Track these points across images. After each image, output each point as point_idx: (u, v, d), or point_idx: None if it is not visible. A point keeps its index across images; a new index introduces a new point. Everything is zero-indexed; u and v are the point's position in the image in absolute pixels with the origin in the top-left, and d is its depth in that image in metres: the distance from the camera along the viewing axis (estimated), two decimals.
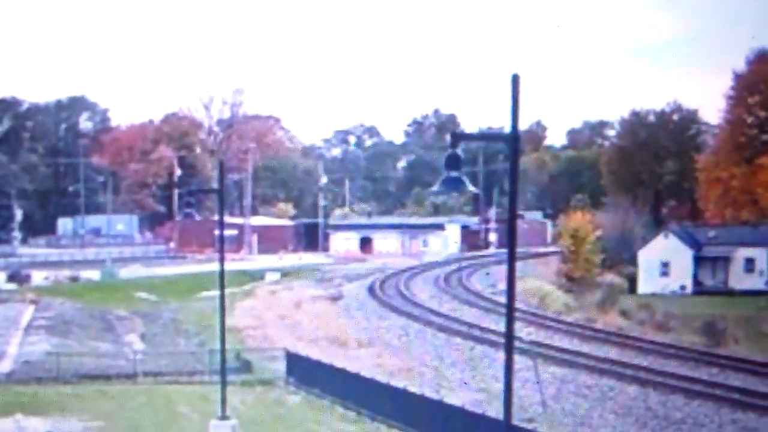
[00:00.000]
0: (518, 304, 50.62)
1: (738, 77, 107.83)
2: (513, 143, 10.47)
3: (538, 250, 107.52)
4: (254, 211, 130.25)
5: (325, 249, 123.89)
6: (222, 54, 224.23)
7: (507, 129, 10.45)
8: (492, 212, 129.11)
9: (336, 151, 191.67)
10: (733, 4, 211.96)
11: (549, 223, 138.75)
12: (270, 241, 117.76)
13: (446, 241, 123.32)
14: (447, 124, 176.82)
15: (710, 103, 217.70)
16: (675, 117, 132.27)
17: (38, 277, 77.65)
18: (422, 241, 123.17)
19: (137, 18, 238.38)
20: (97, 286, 74.93)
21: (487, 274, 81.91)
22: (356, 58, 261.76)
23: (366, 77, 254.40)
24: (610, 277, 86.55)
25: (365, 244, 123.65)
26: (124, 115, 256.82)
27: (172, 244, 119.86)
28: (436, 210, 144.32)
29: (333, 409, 33.70)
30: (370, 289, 69.86)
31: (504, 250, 29.88)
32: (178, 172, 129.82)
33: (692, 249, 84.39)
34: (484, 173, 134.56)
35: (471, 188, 10.65)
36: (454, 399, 31.35)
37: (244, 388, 35.75)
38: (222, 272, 25.42)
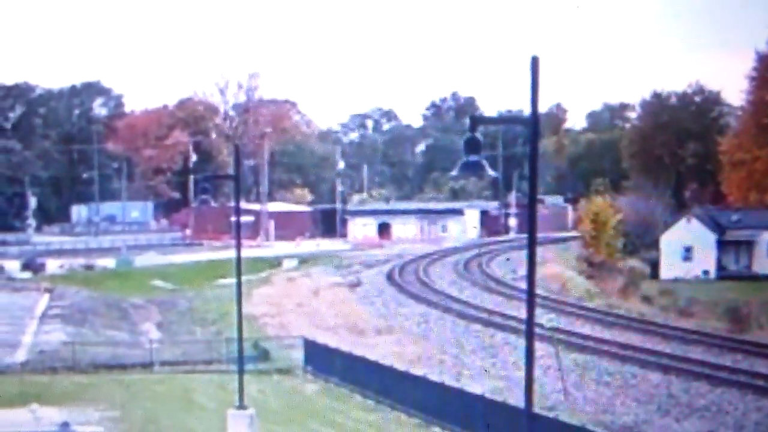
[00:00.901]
0: (539, 290, 50.05)
1: (761, 58, 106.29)
2: (533, 126, 10.37)
3: (558, 235, 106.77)
4: (271, 197, 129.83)
5: (343, 235, 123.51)
6: (237, 37, 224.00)
7: (526, 112, 10.43)
8: (512, 197, 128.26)
9: (353, 136, 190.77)
10: None
11: (569, 207, 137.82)
12: (287, 227, 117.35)
13: (465, 227, 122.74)
14: (466, 108, 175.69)
15: (733, 84, 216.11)
16: (697, 99, 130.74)
17: (53, 265, 77.65)
18: (441, 227, 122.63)
19: (152, 2, 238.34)
20: (113, 274, 74.97)
21: (508, 259, 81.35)
22: (373, 41, 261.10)
23: (383, 60, 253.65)
24: (632, 263, 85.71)
25: (383, 229, 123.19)
26: (138, 101, 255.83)
27: (188, 231, 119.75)
28: (455, 195, 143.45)
29: (352, 398, 33.49)
30: (389, 276, 69.42)
31: (524, 236, 29.29)
32: (193, 157, 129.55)
33: (715, 233, 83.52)
34: (504, 157, 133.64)
35: (490, 172, 10.49)
36: (474, 387, 31.05)
37: (261, 376, 35.64)
38: (239, 259, 24.95)
